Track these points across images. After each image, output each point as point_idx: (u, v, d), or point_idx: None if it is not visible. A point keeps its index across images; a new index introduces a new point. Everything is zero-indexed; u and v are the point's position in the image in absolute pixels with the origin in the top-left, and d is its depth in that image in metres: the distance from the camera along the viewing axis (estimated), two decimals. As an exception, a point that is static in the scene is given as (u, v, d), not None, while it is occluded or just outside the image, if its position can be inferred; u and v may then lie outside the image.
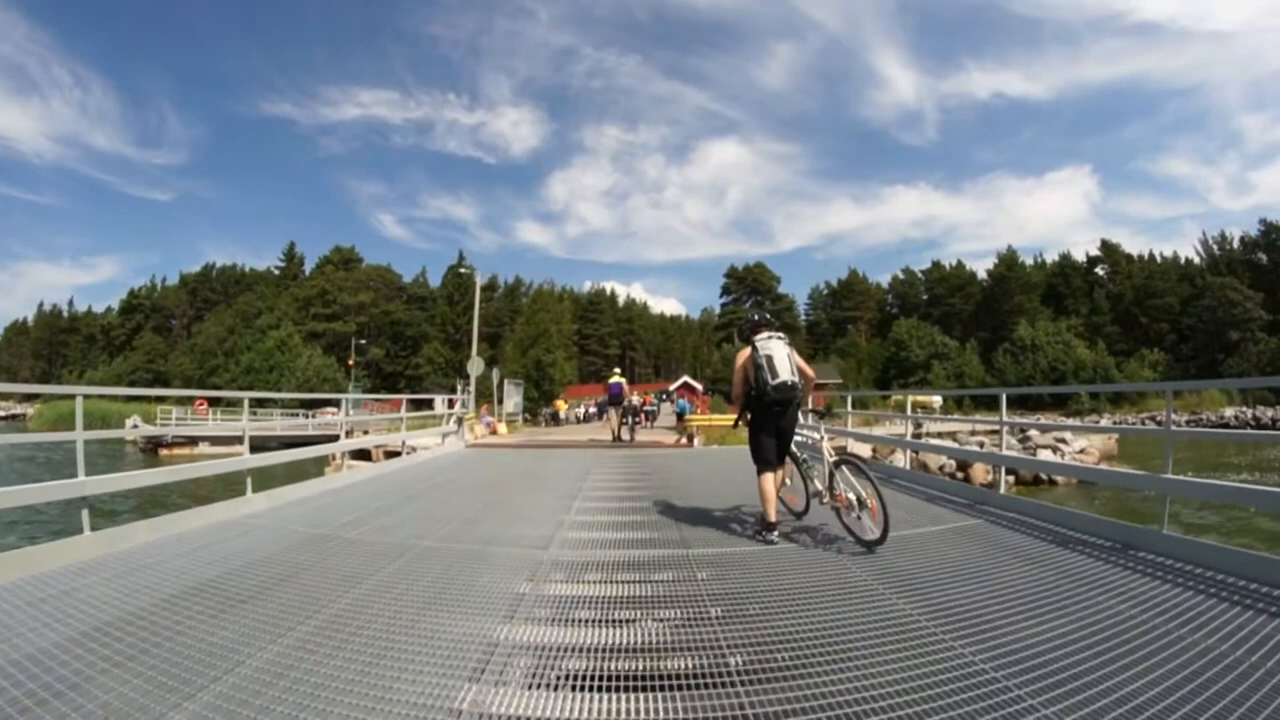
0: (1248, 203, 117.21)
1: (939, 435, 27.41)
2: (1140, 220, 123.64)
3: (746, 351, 4.87)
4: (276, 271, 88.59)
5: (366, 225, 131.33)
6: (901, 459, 18.78)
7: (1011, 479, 19.42)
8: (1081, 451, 23.89)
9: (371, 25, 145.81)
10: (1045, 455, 22.07)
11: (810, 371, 4.99)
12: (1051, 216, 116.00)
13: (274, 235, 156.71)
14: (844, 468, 4.82)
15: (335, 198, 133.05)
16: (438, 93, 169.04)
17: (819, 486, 5.05)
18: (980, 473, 19.31)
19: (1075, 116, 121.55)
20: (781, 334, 4.90)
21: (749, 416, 4.96)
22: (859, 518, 4.58)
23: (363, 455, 18.43)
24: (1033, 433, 24.93)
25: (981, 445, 23.19)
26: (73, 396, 4.87)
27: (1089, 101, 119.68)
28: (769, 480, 4.82)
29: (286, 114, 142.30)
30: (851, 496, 4.62)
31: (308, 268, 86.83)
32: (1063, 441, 23.74)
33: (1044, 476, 19.04)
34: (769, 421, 4.84)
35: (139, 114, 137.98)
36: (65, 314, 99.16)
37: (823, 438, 5.19)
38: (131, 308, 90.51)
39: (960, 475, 18.83)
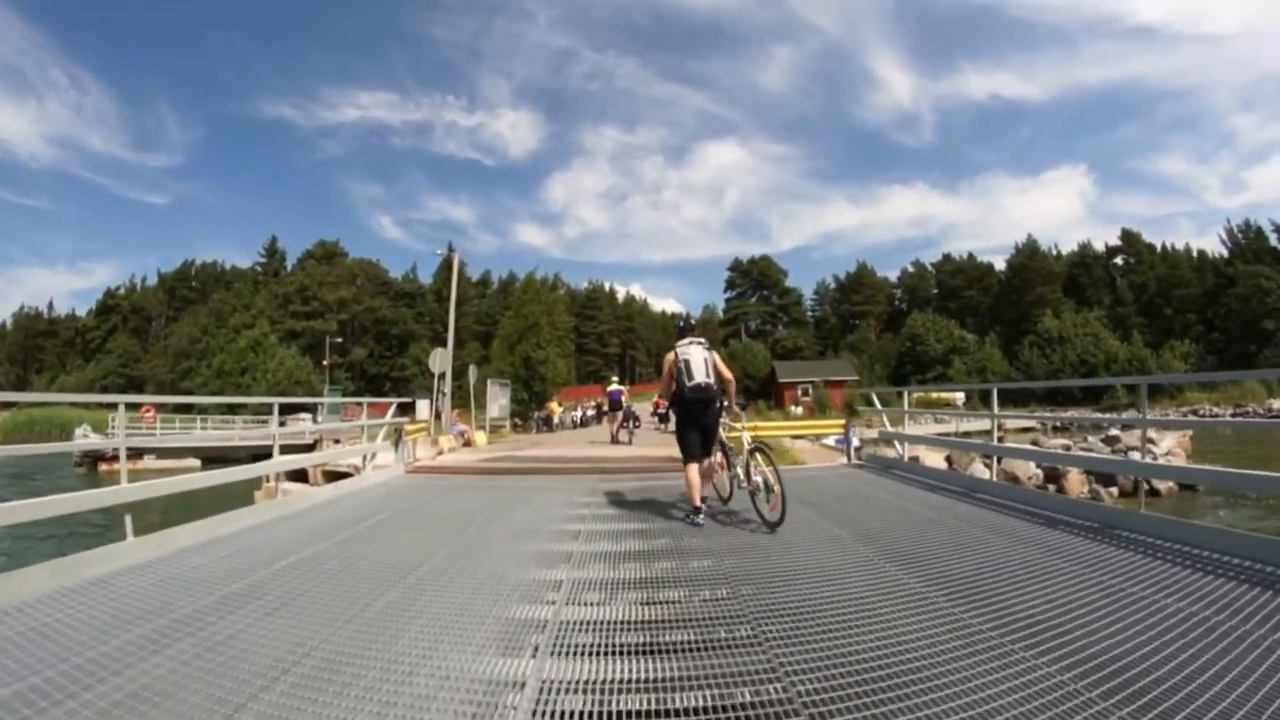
0: (1241, 200, 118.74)
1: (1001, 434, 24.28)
2: (1135, 218, 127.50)
3: (672, 356, 5.36)
4: (259, 269, 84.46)
5: (366, 228, 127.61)
6: (982, 469, 15.42)
7: (1115, 490, 16.07)
8: (1168, 453, 20.44)
9: (372, 27, 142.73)
10: (1135, 457, 18.69)
11: (729, 374, 5.42)
12: (1047, 214, 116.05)
13: (269, 238, 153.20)
14: (757, 455, 5.17)
15: (334, 200, 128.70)
16: (437, 95, 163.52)
17: (740, 473, 5.46)
18: (1076, 484, 15.73)
19: (1071, 117, 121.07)
20: (702, 340, 5.38)
21: (673, 414, 5.56)
22: (767, 500, 4.94)
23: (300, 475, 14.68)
24: (1115, 430, 21.38)
25: (1068, 448, 19.80)
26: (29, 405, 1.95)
27: (1085, 102, 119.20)
28: (694, 470, 5.28)
29: (285, 116, 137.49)
30: (759, 480, 5.05)
31: (290, 264, 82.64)
32: (1151, 442, 20.31)
33: (1146, 484, 15.80)
34: (691, 418, 5.33)
35: (136, 115, 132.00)
36: (46, 316, 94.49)
37: (742, 429, 5.66)
38: (108, 309, 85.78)
39: (1052, 487, 15.18)
